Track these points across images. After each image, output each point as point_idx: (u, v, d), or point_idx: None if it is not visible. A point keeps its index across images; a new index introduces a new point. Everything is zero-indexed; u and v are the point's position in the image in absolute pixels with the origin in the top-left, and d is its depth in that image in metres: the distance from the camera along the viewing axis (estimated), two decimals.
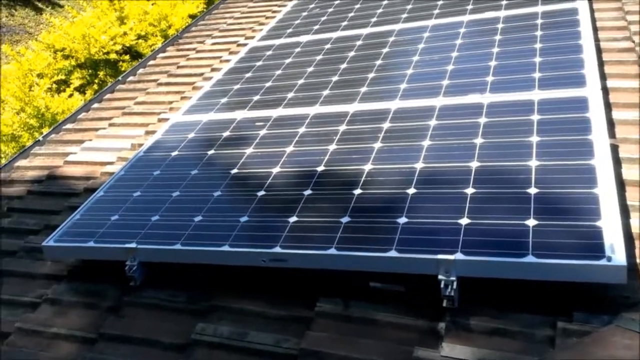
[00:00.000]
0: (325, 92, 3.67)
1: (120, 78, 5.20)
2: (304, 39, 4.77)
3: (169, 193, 2.93)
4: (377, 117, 3.21)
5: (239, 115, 3.65)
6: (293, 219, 2.50)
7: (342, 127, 3.19)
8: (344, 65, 4.02)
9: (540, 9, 3.98)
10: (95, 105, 4.74)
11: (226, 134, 3.45)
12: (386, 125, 3.09)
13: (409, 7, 4.82)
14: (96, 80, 6.82)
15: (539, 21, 3.80)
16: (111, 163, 3.70)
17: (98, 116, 4.51)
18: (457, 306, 2.04)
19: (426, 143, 2.82)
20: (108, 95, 4.90)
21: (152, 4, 7.82)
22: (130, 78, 5.20)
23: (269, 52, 4.67)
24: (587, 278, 1.92)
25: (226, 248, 2.41)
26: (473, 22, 4.10)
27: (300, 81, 3.95)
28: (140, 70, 5.35)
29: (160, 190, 2.98)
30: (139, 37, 7.17)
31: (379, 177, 2.66)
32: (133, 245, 2.54)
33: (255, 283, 2.46)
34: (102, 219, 2.82)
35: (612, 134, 2.71)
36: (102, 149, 3.92)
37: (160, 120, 4.16)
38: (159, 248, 2.50)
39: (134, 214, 2.81)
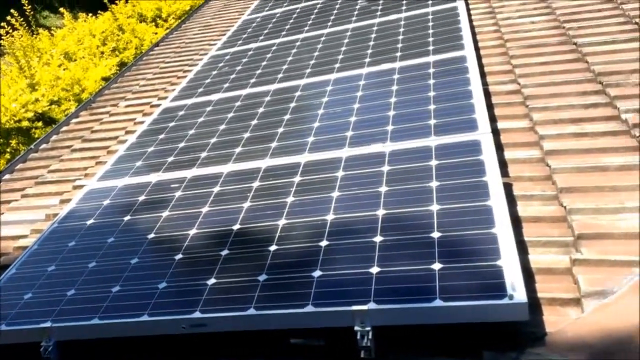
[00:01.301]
0: (238, 150, 3.64)
1: (32, 146, 5.00)
2: (215, 97, 4.75)
3: (85, 264, 2.80)
4: (288, 171, 3.20)
5: (154, 178, 3.57)
6: (212, 281, 2.43)
7: (256, 184, 3.16)
8: (254, 122, 4.01)
9: (431, 58, 4.12)
10: (7, 176, 4.53)
11: (142, 198, 3.35)
12: (297, 179, 3.08)
13: (312, 62, 4.88)
14: (8, 150, 6.53)
15: (431, 70, 3.92)
16: (24, 236, 3.51)
17: (10, 187, 4.30)
18: (374, 356, 2.02)
19: (335, 194, 2.82)
20: (20, 165, 4.69)
21: (64, 69, 7.62)
22: (43, 146, 5.01)
23: (182, 112, 4.61)
24: (492, 317, 1.95)
25: (145, 318, 2.30)
26: (371, 74, 4.19)
27: (213, 140, 3.90)
28: (54, 137, 5.16)
29: (76, 262, 2.84)
30: (52, 102, 6.95)
31: (293, 231, 2.64)
32: (47, 324, 2.39)
33: (179, 348, 2.37)
34: (14, 299, 2.65)
35: (505, 173, 2.80)
36: (15, 222, 3.72)
37: (75, 187, 4.01)
38: (75, 325, 2.37)
39: (48, 290, 2.66)
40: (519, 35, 4.31)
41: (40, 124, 6.73)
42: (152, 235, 2.92)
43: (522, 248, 2.32)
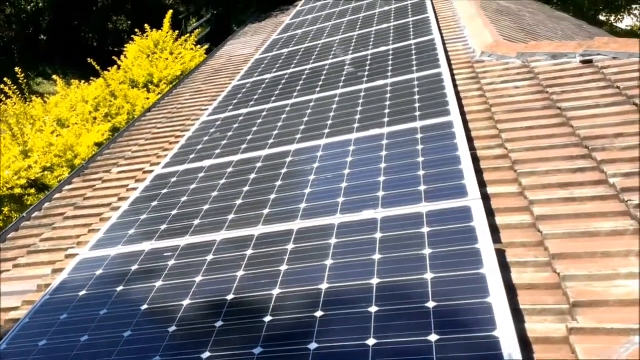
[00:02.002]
0: (231, 217, 3.62)
1: (24, 214, 4.96)
2: (207, 163, 4.76)
3: (77, 338, 2.73)
4: (281, 238, 3.18)
5: (147, 246, 3.53)
6: (206, 354, 2.38)
7: (249, 252, 3.13)
8: (246, 188, 4.01)
9: (419, 124, 4.17)
10: None
11: (135, 267, 3.31)
12: (290, 246, 3.06)
13: (302, 127, 4.93)
14: (1, 217, 6.48)
15: (419, 136, 3.96)
16: (16, 309, 3.44)
17: (1, 257, 4.24)
18: None
19: (329, 262, 2.80)
20: (12, 234, 4.64)
21: (57, 135, 7.64)
22: (36, 213, 4.97)
23: (174, 179, 4.60)
24: None
25: None
26: (361, 140, 4.23)
27: (206, 207, 3.89)
28: (46, 205, 5.13)
29: (68, 336, 2.78)
30: (45, 169, 6.94)
31: (288, 301, 2.61)
32: None
33: None
34: None
35: (497, 239, 2.80)
36: (6, 293, 3.65)
37: (68, 256, 3.95)
38: None
39: None
40: (503, 100, 4.39)
41: (33, 190, 6.69)
42: (145, 307, 2.87)
43: (518, 317, 2.29)
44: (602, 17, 15.32)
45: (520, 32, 6.97)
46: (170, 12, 12.98)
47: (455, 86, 4.87)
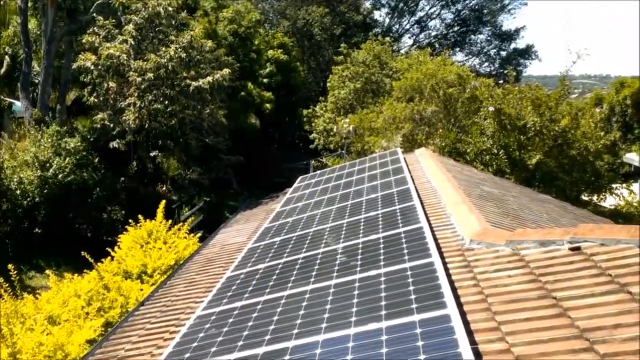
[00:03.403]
0: None
1: None
2: None
3: None
4: None
5: None
6: None
7: None
8: None
9: (416, 317, 4.11)
10: None
11: None
12: None
13: (299, 321, 4.84)
14: None
15: (418, 330, 3.89)
16: None
17: None
18: None
19: None
20: None
21: (48, 334, 7.44)
22: None
23: None
24: None
25: None
26: (359, 336, 4.14)
27: None
28: None
29: None
30: None
31: None
32: None
33: None
34: None
35: None
36: None
37: None
38: None
39: None
40: (498, 290, 4.39)
41: None
42: None
43: None
44: (584, 197, 15.91)
45: (506, 217, 7.17)
46: (164, 201, 13.36)
47: (448, 275, 4.90)
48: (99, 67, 20.52)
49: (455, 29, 51.62)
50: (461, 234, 6.05)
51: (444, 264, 5.19)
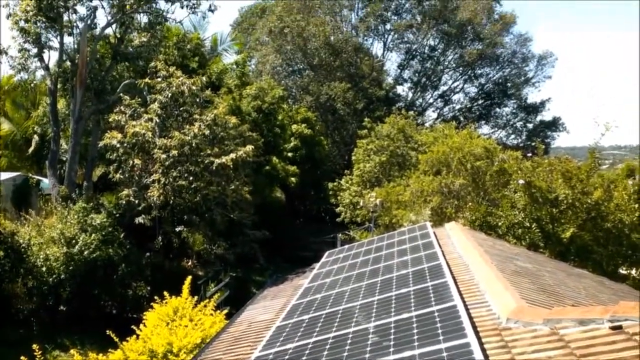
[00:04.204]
0: None
1: None
2: None
3: None
4: None
5: None
6: None
7: None
8: None
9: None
10: None
11: None
12: None
13: None
14: None
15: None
16: None
17: None
18: None
19: None
20: None
21: None
22: None
23: None
24: None
25: None
26: None
27: None
28: None
29: None
30: None
31: None
32: None
33: None
34: None
35: None
36: None
37: None
38: None
39: None
40: None
41: None
42: None
43: None
44: (623, 271, 15.59)
45: (542, 294, 7.09)
46: (189, 277, 13.42)
47: (486, 357, 4.83)
48: (125, 144, 21.15)
49: (480, 102, 52.28)
50: (497, 312, 5.99)
51: (481, 344, 5.12)
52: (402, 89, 52.12)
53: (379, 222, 23.11)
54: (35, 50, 23.86)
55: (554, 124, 50.09)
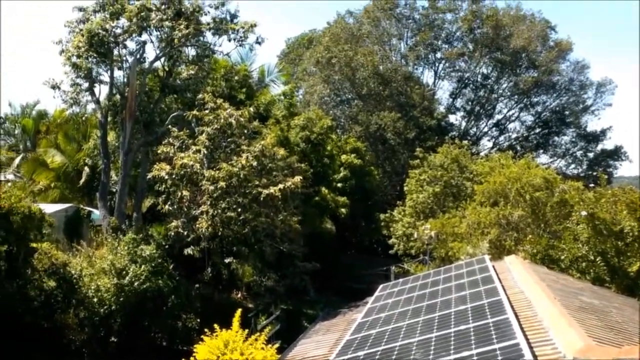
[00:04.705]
0: None
1: None
2: None
3: None
4: None
5: None
6: None
7: None
8: None
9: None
10: None
11: None
12: None
13: None
14: None
15: None
16: None
17: None
18: None
19: None
20: None
21: None
22: None
23: None
24: None
25: None
26: None
27: None
28: None
29: None
30: None
31: None
32: None
33: None
34: None
35: None
36: None
37: None
38: None
39: None
40: None
41: None
42: None
43: None
44: None
45: (610, 332, 6.92)
46: (239, 310, 13.52)
47: None
48: (173, 176, 21.61)
49: (537, 130, 51.44)
50: (562, 351, 5.89)
51: None
52: (455, 118, 51.82)
53: (434, 255, 22.91)
54: (86, 85, 24.80)
55: (616, 153, 48.87)
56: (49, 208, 22.75)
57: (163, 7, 24.23)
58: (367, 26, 49.14)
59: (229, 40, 25.42)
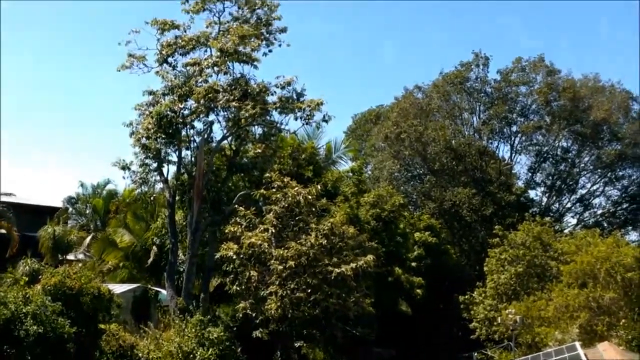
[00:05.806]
0: None
1: None
2: None
3: None
4: None
5: None
6: None
7: None
8: None
9: None
10: None
11: None
12: None
13: None
14: None
15: None
16: None
17: None
18: None
19: None
20: None
21: None
22: None
23: None
24: None
25: None
26: None
27: None
28: None
29: None
30: None
31: None
32: None
33: None
34: None
35: None
36: None
37: None
38: None
39: None
40: None
41: None
42: None
43: None
44: None
45: None
46: None
47: None
48: (241, 255, 21.89)
49: (625, 206, 49.56)
50: None
51: None
52: (535, 193, 50.49)
53: (519, 341, 22.08)
54: (155, 165, 25.87)
55: None
56: (117, 288, 23.32)
57: (230, 88, 25.22)
58: (436, 100, 49.02)
59: (295, 119, 26.05)
